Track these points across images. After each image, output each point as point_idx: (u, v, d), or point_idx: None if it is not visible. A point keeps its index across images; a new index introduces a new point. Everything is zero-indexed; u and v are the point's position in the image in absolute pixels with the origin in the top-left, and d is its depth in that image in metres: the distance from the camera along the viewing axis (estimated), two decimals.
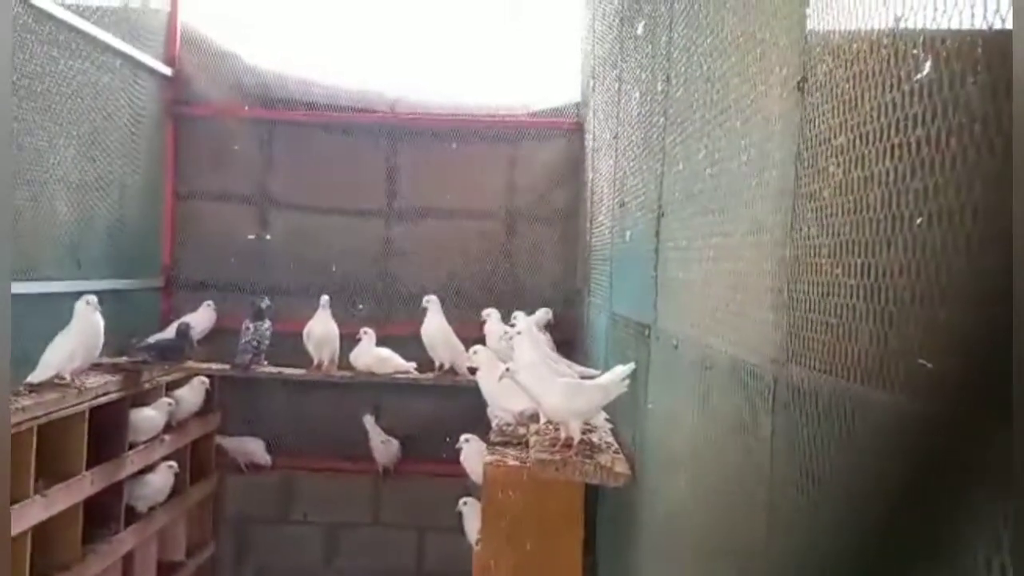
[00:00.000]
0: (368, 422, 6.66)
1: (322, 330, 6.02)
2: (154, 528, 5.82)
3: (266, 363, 5.98)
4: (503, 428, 4.39)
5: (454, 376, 5.95)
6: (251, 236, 6.83)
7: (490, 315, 5.58)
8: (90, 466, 4.85)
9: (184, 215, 6.81)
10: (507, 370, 3.59)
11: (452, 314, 6.05)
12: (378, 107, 6.87)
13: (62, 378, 4.68)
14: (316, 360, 6.02)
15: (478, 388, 4.56)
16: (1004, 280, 0.95)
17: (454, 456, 5.30)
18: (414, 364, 6.10)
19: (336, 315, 6.12)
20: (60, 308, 4.83)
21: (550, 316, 5.93)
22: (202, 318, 6.28)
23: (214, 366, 6.04)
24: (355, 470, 6.80)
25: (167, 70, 6.58)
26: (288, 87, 6.83)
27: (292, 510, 6.97)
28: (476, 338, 5.42)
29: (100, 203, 5.70)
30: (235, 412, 6.82)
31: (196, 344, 5.98)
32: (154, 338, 5.87)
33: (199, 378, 6.08)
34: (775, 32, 1.89)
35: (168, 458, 5.78)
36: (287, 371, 6.05)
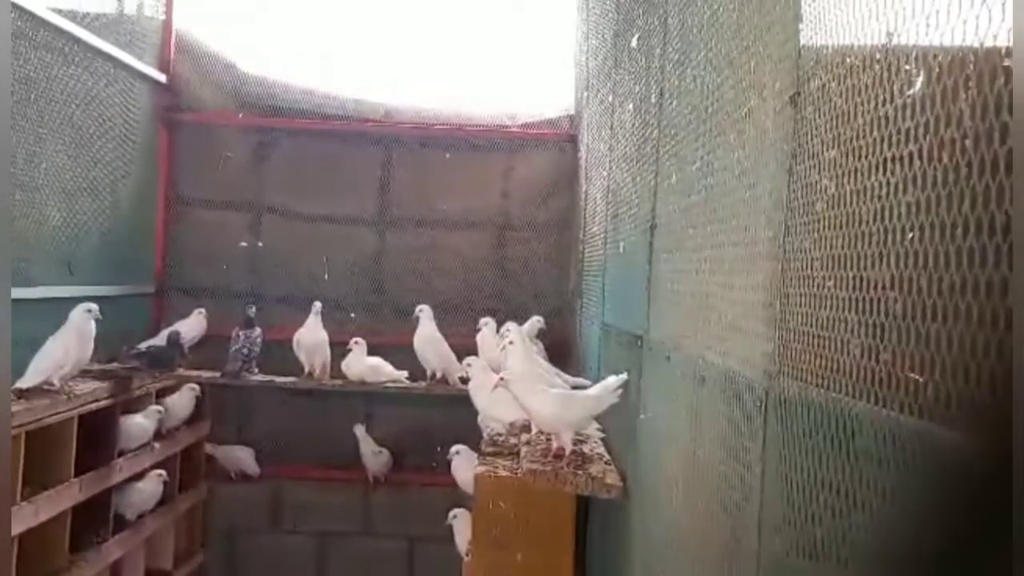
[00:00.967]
0: (359, 431, 6.64)
1: (312, 338, 6.00)
2: (142, 536, 5.78)
3: (257, 371, 5.97)
4: (494, 438, 4.38)
5: (446, 385, 5.94)
6: (243, 243, 6.82)
7: (488, 323, 5.58)
8: (79, 473, 4.82)
9: (177, 222, 6.80)
10: (502, 379, 3.59)
11: (444, 323, 6.04)
12: (372, 116, 6.88)
13: (51, 384, 4.66)
14: (307, 368, 6.01)
15: (469, 398, 4.56)
16: (996, 294, 0.96)
17: (445, 466, 5.29)
18: (406, 373, 6.09)
19: (328, 324, 6.11)
20: (52, 314, 4.81)
21: (542, 325, 5.93)
22: (193, 325, 6.26)
23: (204, 374, 6.03)
24: (345, 479, 6.78)
25: (161, 77, 6.58)
26: (282, 95, 6.83)
27: (282, 519, 6.93)
28: (468, 347, 5.42)
29: (92, 209, 5.68)
30: (225, 420, 6.79)
31: (187, 351, 5.97)
32: (145, 345, 5.85)
33: (189, 385, 6.06)
34: (768, 46, 1.90)
35: (158, 466, 5.75)
36: (278, 379, 6.04)
